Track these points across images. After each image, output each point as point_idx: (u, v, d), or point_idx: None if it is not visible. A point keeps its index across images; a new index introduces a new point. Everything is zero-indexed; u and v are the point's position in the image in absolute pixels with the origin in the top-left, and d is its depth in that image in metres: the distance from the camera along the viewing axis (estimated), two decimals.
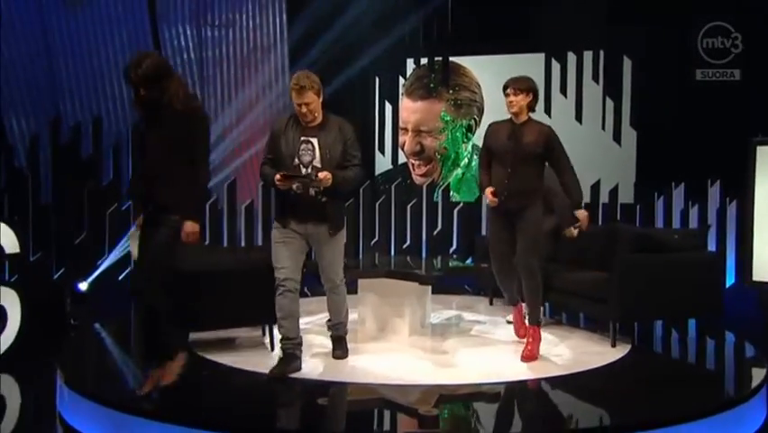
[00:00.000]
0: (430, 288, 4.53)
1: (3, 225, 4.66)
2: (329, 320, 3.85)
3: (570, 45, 7.21)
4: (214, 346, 4.05)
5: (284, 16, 7.38)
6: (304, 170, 3.49)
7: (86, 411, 3.37)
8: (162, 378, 3.35)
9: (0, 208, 5.90)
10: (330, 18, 7.16)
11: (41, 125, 6.47)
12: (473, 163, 7.28)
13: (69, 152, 6.41)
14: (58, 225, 6.30)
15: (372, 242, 7.07)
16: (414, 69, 7.69)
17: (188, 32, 7.05)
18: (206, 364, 3.84)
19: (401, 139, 7.56)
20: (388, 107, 7.74)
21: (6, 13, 6.13)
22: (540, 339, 3.88)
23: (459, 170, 7.53)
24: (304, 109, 3.43)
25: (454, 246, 7.15)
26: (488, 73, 7.33)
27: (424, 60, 7.66)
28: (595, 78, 7.20)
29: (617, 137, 7.13)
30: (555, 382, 3.58)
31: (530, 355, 3.78)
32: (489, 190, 3.89)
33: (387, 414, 3.38)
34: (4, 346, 4.30)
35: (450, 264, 5.26)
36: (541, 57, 7.29)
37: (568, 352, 4.15)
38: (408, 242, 7.19)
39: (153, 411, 3.12)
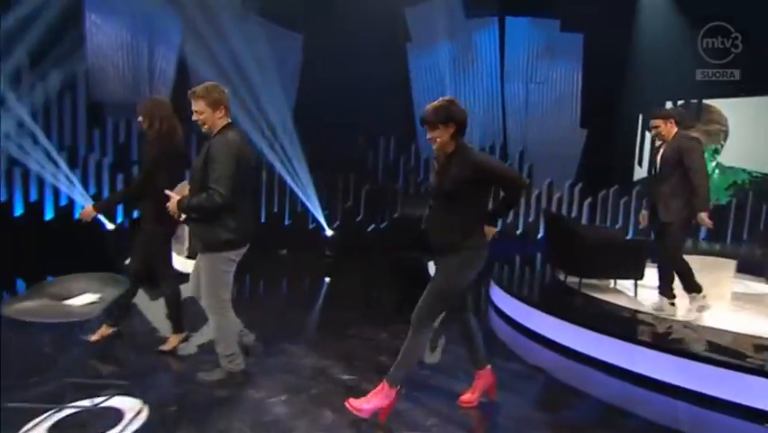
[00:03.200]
0: (734, 264, 4.65)
1: None
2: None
3: None
4: (593, 288, 4.71)
5: (580, 73, 8.18)
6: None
7: (505, 300, 4.61)
8: None
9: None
10: (612, 73, 7.88)
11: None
12: (715, 176, 7.54)
13: None
14: None
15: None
16: (671, 108, 8.03)
17: (520, 87, 8.21)
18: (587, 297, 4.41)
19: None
20: (648, 135, 8.20)
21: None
22: (384, 399, 2.54)
23: None
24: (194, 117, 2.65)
25: (703, 234, 7.49)
26: (732, 110, 7.52)
27: (679, 102, 7.96)
28: None
29: None
30: None
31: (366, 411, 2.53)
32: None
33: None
34: None
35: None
36: None
37: None
38: None
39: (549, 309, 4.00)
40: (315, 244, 7.26)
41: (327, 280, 6.23)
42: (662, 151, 3.84)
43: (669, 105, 8.11)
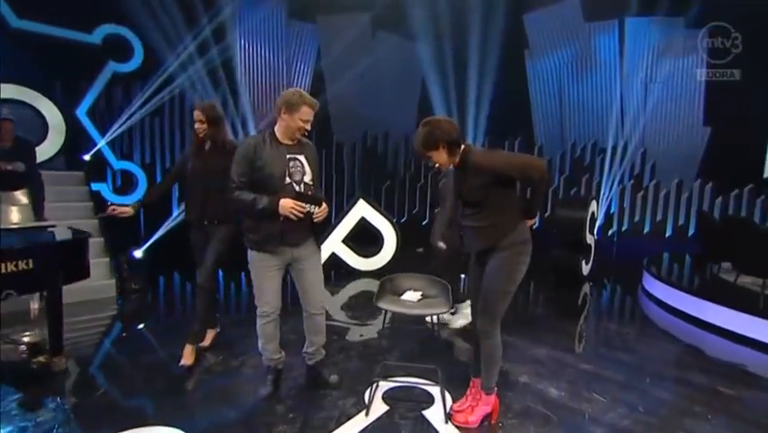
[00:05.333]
0: None
1: None
2: (308, 346, 2.92)
3: None
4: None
5: (704, 69, 7.93)
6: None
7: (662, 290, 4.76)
8: None
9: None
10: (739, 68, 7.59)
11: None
12: None
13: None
14: None
15: None
16: None
17: (639, 87, 8.10)
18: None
19: None
20: None
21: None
22: (489, 407, 2.59)
23: None
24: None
25: None
26: None
27: None
28: None
29: None
30: None
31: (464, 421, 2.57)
32: None
33: None
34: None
35: None
36: None
37: None
38: None
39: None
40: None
41: (462, 276, 6.39)
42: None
43: None
